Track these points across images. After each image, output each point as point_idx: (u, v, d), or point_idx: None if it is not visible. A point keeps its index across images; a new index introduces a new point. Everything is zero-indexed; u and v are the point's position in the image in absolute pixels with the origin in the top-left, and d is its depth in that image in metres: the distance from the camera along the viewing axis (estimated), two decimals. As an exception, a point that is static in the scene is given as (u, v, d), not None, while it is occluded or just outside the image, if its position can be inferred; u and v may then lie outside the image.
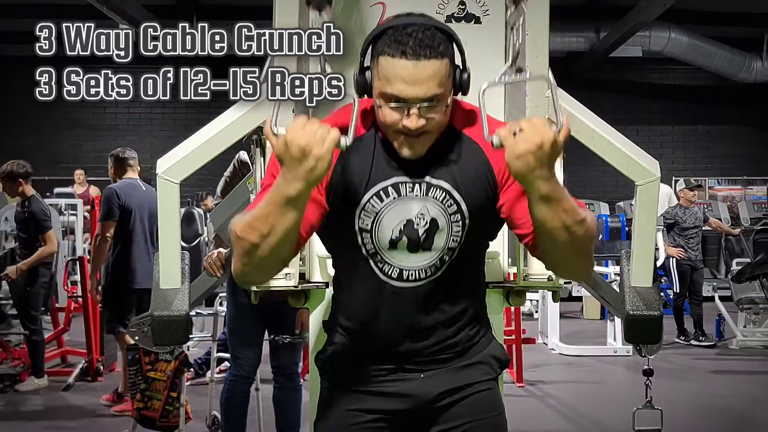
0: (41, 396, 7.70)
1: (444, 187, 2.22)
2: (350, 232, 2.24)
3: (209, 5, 16.00)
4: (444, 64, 2.09)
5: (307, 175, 1.97)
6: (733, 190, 19.07)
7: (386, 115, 2.13)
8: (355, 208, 2.22)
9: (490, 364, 2.40)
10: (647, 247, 2.89)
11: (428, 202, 2.22)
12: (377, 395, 2.33)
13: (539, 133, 1.97)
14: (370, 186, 2.21)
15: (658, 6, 13.41)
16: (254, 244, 2.07)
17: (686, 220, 10.83)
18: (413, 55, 2.05)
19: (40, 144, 19.07)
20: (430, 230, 2.23)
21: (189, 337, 2.88)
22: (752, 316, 10.74)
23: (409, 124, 2.09)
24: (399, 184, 2.22)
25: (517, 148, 1.97)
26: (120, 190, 7.08)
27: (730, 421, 7.18)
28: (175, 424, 5.48)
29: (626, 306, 2.81)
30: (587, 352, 10.01)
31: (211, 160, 2.80)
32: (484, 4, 2.94)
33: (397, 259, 2.25)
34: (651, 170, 2.84)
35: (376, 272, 2.27)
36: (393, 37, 2.09)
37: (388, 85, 2.09)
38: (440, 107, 2.12)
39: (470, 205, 2.23)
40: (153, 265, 2.96)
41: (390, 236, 2.23)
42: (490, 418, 2.36)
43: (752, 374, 9.21)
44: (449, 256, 2.26)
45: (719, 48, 17.10)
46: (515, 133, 1.99)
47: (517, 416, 6.46)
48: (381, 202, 2.22)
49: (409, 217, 2.22)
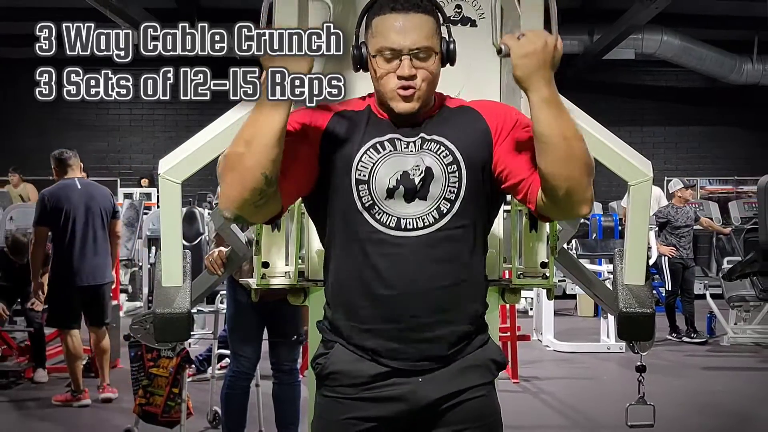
0: (45, 391, 7.70)
1: (439, 140, 2.29)
2: (346, 185, 2.26)
3: (210, 8, 15.99)
4: (431, 21, 2.24)
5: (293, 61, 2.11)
6: (724, 190, 19.09)
7: (381, 67, 2.24)
8: (351, 161, 2.26)
9: (487, 367, 2.38)
10: (640, 246, 2.89)
11: (423, 154, 2.27)
12: (373, 401, 2.29)
13: (541, 36, 2.12)
14: (365, 141, 2.28)
15: (650, 9, 13.43)
16: (239, 153, 2.13)
17: (678, 219, 10.85)
18: (402, 9, 2.22)
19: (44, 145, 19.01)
20: (425, 179, 2.26)
21: (190, 334, 2.88)
22: (743, 314, 10.77)
23: (401, 71, 2.21)
24: (395, 140, 2.28)
25: (523, 48, 2.11)
26: (48, 193, 7.27)
27: (722, 416, 7.18)
28: (177, 420, 5.49)
29: (619, 303, 2.81)
30: (581, 349, 10.02)
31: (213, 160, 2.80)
32: (480, 8, 2.95)
33: (394, 208, 2.25)
34: (643, 170, 2.84)
35: (373, 224, 2.25)
36: (384, 1, 2.25)
37: (382, 39, 2.23)
38: (430, 61, 2.23)
39: (466, 157, 2.27)
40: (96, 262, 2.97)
41: (387, 185, 2.25)
42: (485, 424, 2.35)
43: (743, 370, 9.22)
44: (447, 208, 2.26)
45: (710, 50, 17.12)
46: (519, 38, 2.13)
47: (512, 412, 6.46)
48: (377, 153, 2.27)
49: (405, 168, 2.26)
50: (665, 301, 11.10)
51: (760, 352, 10.19)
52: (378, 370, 2.29)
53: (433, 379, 2.30)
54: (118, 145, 19.49)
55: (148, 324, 3.16)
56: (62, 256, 7.13)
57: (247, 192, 2.15)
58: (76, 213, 7.13)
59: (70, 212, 7.11)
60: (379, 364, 2.29)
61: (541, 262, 3.07)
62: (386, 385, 2.29)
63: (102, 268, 7.25)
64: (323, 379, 2.37)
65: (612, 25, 15.12)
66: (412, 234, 2.25)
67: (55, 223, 7.12)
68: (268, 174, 2.13)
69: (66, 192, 7.21)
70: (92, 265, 7.17)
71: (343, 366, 2.32)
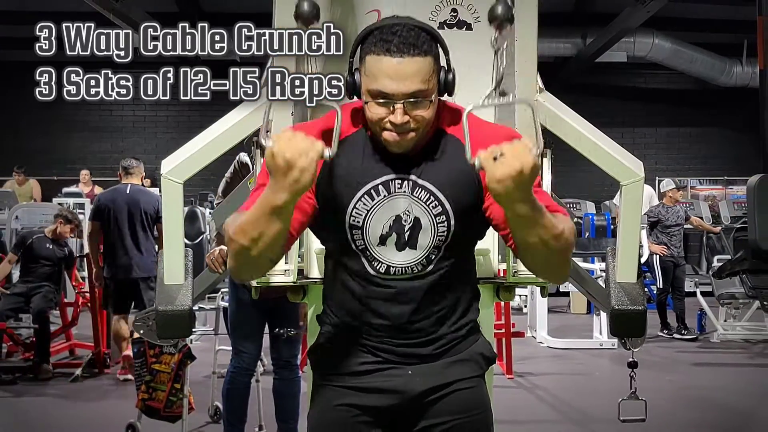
0: (50, 387, 7.70)
1: (429, 188, 2.21)
2: (341, 229, 2.24)
3: (212, 12, 16.00)
4: (428, 62, 2.10)
5: (292, 186, 1.97)
6: (714, 190, 19.10)
7: (373, 111, 2.13)
8: (346, 207, 2.21)
9: (476, 362, 2.38)
10: (632, 245, 2.89)
11: (413, 202, 2.22)
12: (365, 391, 2.32)
13: (520, 159, 1.90)
14: (360, 185, 2.21)
15: (642, 13, 13.45)
16: (245, 247, 2.09)
17: (668, 219, 10.88)
18: (397, 52, 2.06)
19: (49, 146, 19.05)
20: (414, 228, 2.22)
21: (192, 330, 2.87)
22: (732, 311, 10.78)
23: (395, 119, 2.10)
24: (388, 182, 2.21)
25: (498, 172, 1.91)
26: (102, 195, 8.45)
27: (712, 410, 7.18)
28: (179, 414, 5.49)
29: (611, 301, 2.81)
30: (574, 345, 10.02)
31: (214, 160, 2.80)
32: (475, 12, 2.94)
33: (385, 255, 2.25)
34: (635, 171, 2.84)
35: (365, 264, 2.26)
36: (379, 37, 2.10)
37: (374, 82, 2.09)
38: (425, 104, 2.11)
39: (456, 208, 2.22)
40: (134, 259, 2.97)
41: (380, 232, 2.23)
42: (474, 417, 2.35)
43: (732, 366, 9.22)
44: (435, 255, 2.26)
45: (701, 53, 17.15)
46: (496, 158, 1.93)
47: (506, 407, 6.48)
48: (372, 200, 2.21)
49: (398, 212, 2.22)
50: (656, 298, 11.10)
51: (750, 348, 10.20)
52: (369, 360, 2.33)
53: (422, 371, 2.32)
54: (121, 145, 19.47)
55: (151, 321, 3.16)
56: (107, 250, 8.03)
57: (256, 272, 2.32)
58: (119, 214, 7.93)
59: (114, 212, 7.94)
60: (371, 355, 2.33)
61: (535, 261, 3.07)
62: (378, 376, 2.32)
63: (139, 264, 7.93)
64: (318, 369, 2.41)
65: (604, 29, 15.14)
66: (400, 280, 2.27)
67: (102, 220, 7.97)
68: (274, 259, 2.21)
69: (114, 195, 8.14)
70: (128, 260, 7.89)
71: (337, 356, 2.36)
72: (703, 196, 18.56)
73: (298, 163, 1.94)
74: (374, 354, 2.32)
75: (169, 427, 5.66)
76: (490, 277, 3.02)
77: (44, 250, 8.51)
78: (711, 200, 18.06)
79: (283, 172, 1.95)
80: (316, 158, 1.96)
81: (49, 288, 8.30)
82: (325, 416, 2.36)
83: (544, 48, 14.00)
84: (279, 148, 1.95)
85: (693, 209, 14.97)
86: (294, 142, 1.96)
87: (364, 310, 2.30)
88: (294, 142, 1.96)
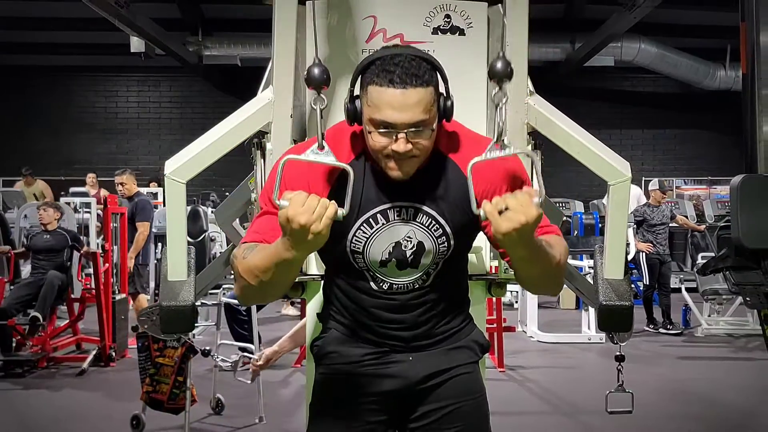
0: (58, 380, 7.70)
1: (430, 213, 2.21)
2: (342, 253, 2.25)
3: (214, 18, 15.97)
4: (429, 92, 2.07)
5: (306, 247, 1.96)
6: (699, 190, 19.14)
7: (375, 140, 2.10)
8: (346, 235, 2.22)
9: (472, 349, 2.42)
10: (619, 242, 2.89)
11: (415, 227, 2.22)
12: (369, 377, 2.34)
13: (524, 212, 1.91)
14: (360, 214, 2.20)
15: (629, 19, 13.47)
16: (253, 286, 2.11)
17: (654, 218, 10.91)
18: (400, 83, 2.04)
19: (56, 147, 19.04)
20: (417, 252, 2.24)
21: (194, 325, 2.87)
22: (716, 306, 10.80)
23: (397, 148, 2.07)
24: (387, 210, 2.21)
25: (503, 226, 1.91)
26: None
27: (696, 402, 7.19)
28: (182, 407, 5.49)
29: (599, 297, 2.81)
30: (563, 340, 10.03)
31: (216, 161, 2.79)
32: (468, 17, 2.94)
33: (387, 275, 2.27)
34: (622, 171, 2.83)
35: (369, 283, 2.30)
36: (381, 67, 2.07)
37: (377, 112, 2.06)
38: (426, 132, 2.09)
39: (455, 229, 2.23)
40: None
41: (380, 258, 2.24)
42: (471, 400, 2.37)
43: (716, 360, 9.23)
44: (434, 270, 2.29)
45: (685, 58, 17.18)
46: (501, 212, 1.92)
47: (498, 399, 6.48)
48: (371, 228, 2.22)
49: (398, 239, 2.23)
50: (643, 294, 11.12)
51: (732, 342, 10.21)
52: (371, 349, 2.35)
53: (422, 358, 2.35)
54: (126, 147, 19.47)
55: (155, 316, 3.16)
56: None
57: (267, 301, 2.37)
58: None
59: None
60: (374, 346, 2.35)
61: (525, 258, 3.07)
62: (380, 363, 2.35)
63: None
64: (320, 359, 2.42)
65: (593, 34, 15.17)
66: (402, 295, 2.31)
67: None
68: (284, 291, 2.29)
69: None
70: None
71: (338, 347, 2.38)
72: (688, 196, 18.59)
73: (312, 228, 1.91)
74: (376, 344, 2.35)
75: (172, 418, 5.67)
76: (483, 274, 3.02)
77: (41, 242, 8.60)
78: (695, 199, 18.08)
79: (298, 234, 1.92)
80: (329, 223, 1.93)
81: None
82: (328, 405, 2.37)
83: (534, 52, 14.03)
84: (294, 212, 1.90)
85: (678, 208, 14.96)
86: (308, 207, 1.91)
87: (366, 314, 2.33)
88: (308, 207, 1.91)
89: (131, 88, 19.46)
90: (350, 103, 2.16)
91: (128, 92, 19.48)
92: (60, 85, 19.13)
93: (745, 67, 4.02)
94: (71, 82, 19.22)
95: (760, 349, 9.12)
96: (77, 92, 19.34)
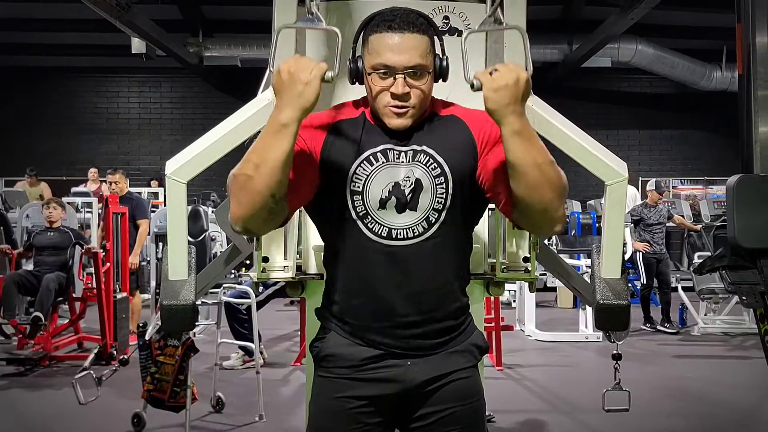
0: (59, 378, 7.68)
1: (428, 152, 2.26)
2: (342, 195, 2.25)
3: (214, 19, 15.97)
4: (425, 40, 2.20)
5: (297, 101, 2.07)
6: (695, 190, 19.15)
7: (376, 83, 2.21)
8: (347, 173, 2.24)
9: (471, 353, 2.40)
10: (616, 242, 2.89)
11: (414, 166, 2.26)
12: (367, 381, 2.31)
13: (514, 71, 2.07)
14: (360, 153, 2.25)
15: (626, 20, 13.48)
16: (248, 176, 2.12)
17: (650, 218, 10.94)
18: (398, 28, 2.17)
19: (58, 147, 19.05)
20: (415, 190, 2.25)
21: (195, 324, 2.87)
22: (712, 305, 10.83)
23: (396, 89, 2.18)
24: (387, 151, 2.26)
25: (495, 82, 2.06)
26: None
27: (692, 400, 7.20)
28: (183, 405, 5.49)
29: (597, 296, 2.81)
30: (561, 339, 10.04)
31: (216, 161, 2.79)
32: (466, 19, 2.95)
33: (386, 218, 2.25)
34: (619, 171, 2.83)
35: (366, 233, 2.26)
36: (381, 19, 2.21)
37: (377, 57, 2.18)
38: (423, 79, 2.20)
39: (453, 169, 2.25)
40: None
41: (380, 196, 2.25)
42: (469, 404, 2.36)
43: (712, 358, 9.25)
44: (435, 218, 2.26)
45: (682, 59, 17.19)
46: (491, 73, 2.09)
47: (496, 397, 6.48)
48: (371, 166, 2.25)
49: (397, 179, 2.25)
50: (640, 293, 11.14)
51: (729, 341, 10.23)
52: (370, 353, 2.32)
53: (421, 362, 2.32)
54: (128, 147, 19.48)
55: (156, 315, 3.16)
56: None
57: (257, 211, 2.17)
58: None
59: None
60: (373, 348, 2.32)
61: (523, 257, 3.07)
62: (378, 367, 2.32)
63: None
64: (320, 361, 2.40)
65: (590, 35, 15.18)
66: (402, 243, 2.26)
67: None
68: (275, 194, 2.15)
69: None
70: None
71: (337, 349, 2.35)
72: (685, 196, 18.61)
73: (302, 77, 2.06)
74: (375, 347, 2.31)
75: (173, 416, 5.67)
76: (481, 273, 3.03)
77: (46, 239, 8.61)
78: (692, 199, 18.09)
79: (288, 86, 2.07)
80: (319, 75, 2.07)
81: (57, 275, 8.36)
82: (326, 407, 2.36)
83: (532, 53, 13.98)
84: (284, 65, 2.08)
85: (675, 208, 14.98)
86: (298, 60, 2.10)
87: (366, 288, 2.29)
88: (298, 60, 2.10)
89: (132, 88, 19.50)
90: (352, 63, 2.26)
91: (129, 93, 19.53)
92: (62, 86, 19.14)
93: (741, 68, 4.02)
94: (73, 83, 19.26)
95: (756, 348, 9.10)
96: (79, 93, 19.37)
